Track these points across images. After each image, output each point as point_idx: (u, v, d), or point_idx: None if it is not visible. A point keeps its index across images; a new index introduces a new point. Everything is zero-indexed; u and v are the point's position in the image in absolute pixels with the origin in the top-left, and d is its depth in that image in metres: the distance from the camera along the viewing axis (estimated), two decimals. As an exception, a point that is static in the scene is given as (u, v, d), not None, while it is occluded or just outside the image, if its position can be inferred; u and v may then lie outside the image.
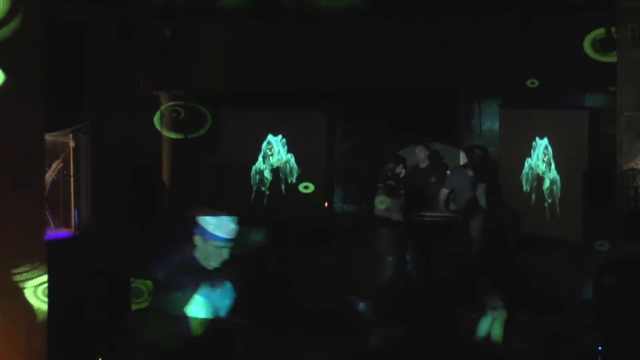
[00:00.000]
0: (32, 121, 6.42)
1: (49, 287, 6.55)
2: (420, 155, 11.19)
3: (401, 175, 11.23)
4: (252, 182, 10.33)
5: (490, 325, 7.53)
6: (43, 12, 6.47)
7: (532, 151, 9.55)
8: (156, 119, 9.87)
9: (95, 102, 8.37)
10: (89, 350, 7.46)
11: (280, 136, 10.35)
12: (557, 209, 9.14)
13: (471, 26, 9.22)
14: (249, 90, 9.88)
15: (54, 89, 6.93)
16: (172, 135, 9.95)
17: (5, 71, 6.15)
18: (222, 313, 5.24)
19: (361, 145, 12.73)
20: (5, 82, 6.16)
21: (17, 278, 6.38)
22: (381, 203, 7.41)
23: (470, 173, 9.88)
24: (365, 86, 9.54)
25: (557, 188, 9.26)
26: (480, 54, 9.17)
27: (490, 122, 11.88)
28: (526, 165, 9.66)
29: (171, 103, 9.90)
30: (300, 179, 10.38)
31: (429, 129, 12.58)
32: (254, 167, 10.30)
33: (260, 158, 10.27)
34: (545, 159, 9.38)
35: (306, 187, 10.20)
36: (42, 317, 6.52)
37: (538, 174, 9.50)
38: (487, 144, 11.93)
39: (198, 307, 5.03)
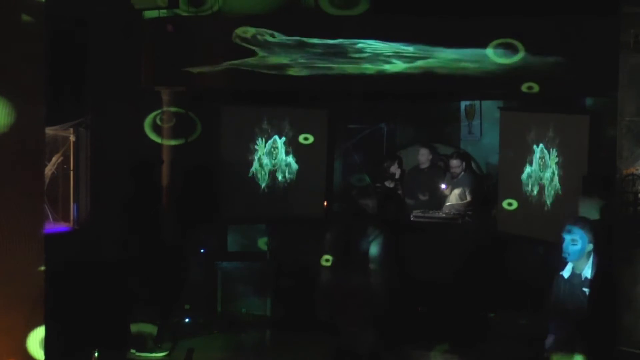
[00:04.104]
0: (33, 115, 6.42)
1: (47, 280, 6.55)
2: (422, 157, 11.18)
3: (397, 176, 11.21)
4: (251, 179, 10.30)
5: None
6: (44, 5, 6.47)
7: (532, 154, 9.56)
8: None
9: (96, 96, 8.37)
10: (86, 343, 7.48)
11: (281, 136, 10.34)
12: (557, 213, 9.13)
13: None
14: (249, 89, 9.87)
15: (55, 83, 6.94)
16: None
17: (6, 65, 6.15)
18: None
19: (361, 145, 12.75)
20: (6, 76, 6.16)
21: (15, 271, 6.38)
22: (377, 205, 7.40)
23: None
24: (366, 86, 9.53)
25: (556, 191, 9.27)
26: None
27: (491, 124, 11.90)
28: (526, 168, 9.67)
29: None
30: (299, 178, 10.37)
31: (429, 130, 12.61)
32: (253, 165, 10.27)
33: (261, 155, 10.24)
34: (544, 163, 9.39)
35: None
36: (40, 310, 6.52)
37: (538, 178, 9.51)
38: (487, 146, 11.98)
39: None
